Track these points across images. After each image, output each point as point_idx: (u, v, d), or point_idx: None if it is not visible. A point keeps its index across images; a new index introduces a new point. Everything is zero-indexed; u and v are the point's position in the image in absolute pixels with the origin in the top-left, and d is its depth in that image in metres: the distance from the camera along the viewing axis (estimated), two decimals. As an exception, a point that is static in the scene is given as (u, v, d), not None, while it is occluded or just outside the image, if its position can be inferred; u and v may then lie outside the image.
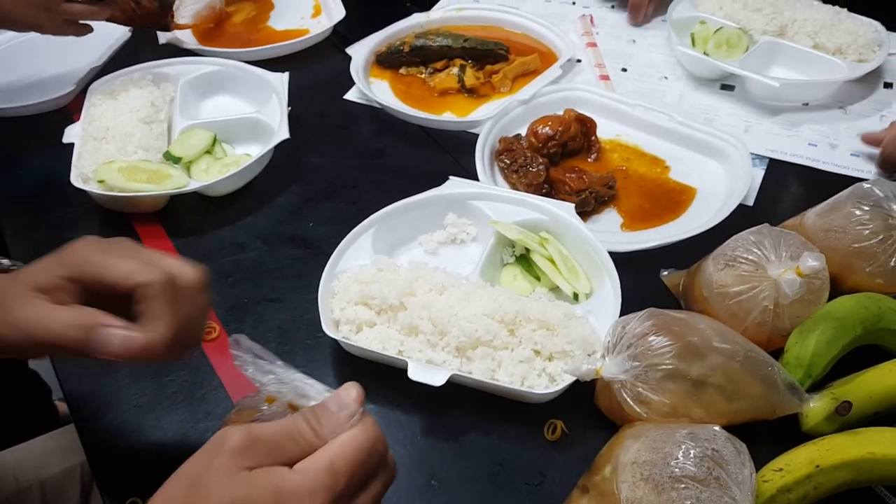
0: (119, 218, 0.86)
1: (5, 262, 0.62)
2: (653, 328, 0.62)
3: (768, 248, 0.66)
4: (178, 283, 0.50)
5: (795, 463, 0.57)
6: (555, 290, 0.75)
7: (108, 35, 1.10)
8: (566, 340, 0.66)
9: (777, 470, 0.57)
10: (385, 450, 0.43)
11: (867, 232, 0.69)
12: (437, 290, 0.70)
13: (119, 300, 0.49)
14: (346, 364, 0.70)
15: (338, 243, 0.75)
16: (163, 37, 1.06)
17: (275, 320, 0.75)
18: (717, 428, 0.56)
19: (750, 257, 0.67)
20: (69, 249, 0.50)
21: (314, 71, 1.07)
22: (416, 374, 0.64)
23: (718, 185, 0.88)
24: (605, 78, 1.04)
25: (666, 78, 1.05)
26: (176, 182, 0.84)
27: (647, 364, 0.60)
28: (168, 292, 0.49)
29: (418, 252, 0.81)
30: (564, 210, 0.78)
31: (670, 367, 0.60)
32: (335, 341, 0.69)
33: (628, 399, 0.61)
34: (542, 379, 0.65)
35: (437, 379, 0.64)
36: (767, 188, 0.88)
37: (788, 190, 0.89)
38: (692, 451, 0.53)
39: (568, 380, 0.64)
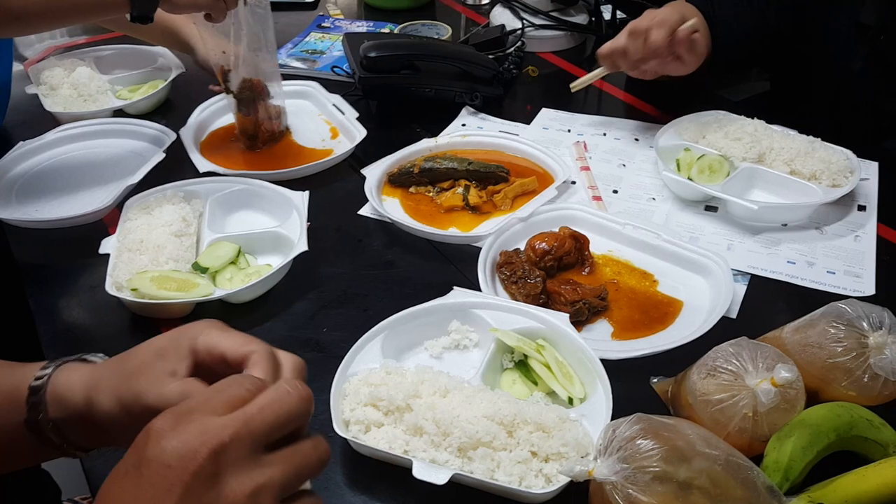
0: (148, 323, 0.92)
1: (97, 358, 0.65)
2: (641, 432, 0.67)
3: (746, 359, 0.72)
4: (281, 365, 0.52)
5: (775, 562, 0.61)
6: (551, 394, 0.80)
7: (143, 156, 1.20)
8: (561, 442, 0.71)
9: (758, 569, 0.60)
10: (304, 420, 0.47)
11: (841, 349, 0.75)
12: (441, 392, 0.76)
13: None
14: (355, 461, 0.75)
15: (349, 348, 0.81)
16: (202, 166, 1.15)
17: None
18: (700, 527, 0.59)
19: (729, 367, 0.72)
20: (190, 326, 0.53)
21: (332, 189, 1.15)
22: (420, 472, 0.69)
23: (703, 299, 0.94)
24: (598, 199, 1.13)
25: (654, 199, 1.14)
26: (202, 290, 0.91)
27: (635, 466, 0.65)
28: (272, 359, 0.51)
29: (424, 356, 0.86)
30: (560, 319, 0.85)
31: (658, 469, 0.64)
32: (345, 440, 0.73)
33: (619, 500, 0.65)
34: (539, 479, 0.70)
35: (439, 478, 0.68)
36: (749, 302, 0.94)
37: (768, 304, 0.95)
38: (676, 548, 0.57)
39: (563, 480, 0.68)
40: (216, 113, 1.32)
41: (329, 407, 0.75)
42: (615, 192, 1.15)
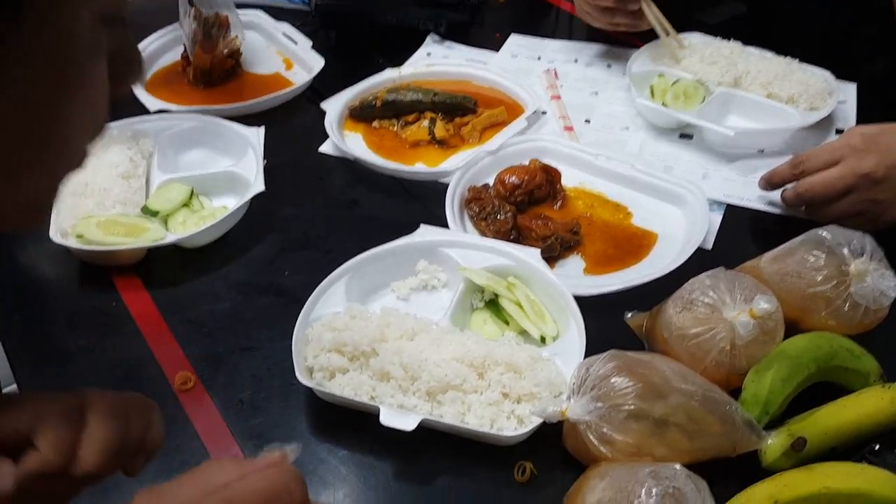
0: (98, 273, 0.87)
1: None
2: (615, 369, 0.64)
3: (723, 290, 0.69)
4: (86, 410, 0.44)
5: (754, 499, 0.59)
6: (523, 333, 0.78)
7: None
8: (533, 383, 0.68)
9: (737, 505, 0.59)
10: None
11: (821, 277, 0.72)
12: (408, 335, 0.72)
13: None
14: (320, 410, 0.72)
15: (312, 291, 0.77)
16: (152, 104, 1.08)
17: (249, 369, 0.77)
18: (677, 466, 0.58)
19: (706, 300, 0.70)
20: None
21: (289, 125, 1.10)
22: (387, 419, 0.66)
23: (678, 230, 0.91)
24: (570, 129, 1.08)
25: (627, 128, 1.09)
26: (153, 235, 0.86)
27: (610, 405, 0.63)
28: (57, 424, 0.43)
29: (391, 299, 0.83)
30: (531, 256, 0.81)
31: (633, 407, 0.62)
32: (309, 388, 0.70)
33: (593, 439, 0.63)
34: (511, 421, 0.67)
35: (408, 424, 0.65)
36: (725, 232, 0.92)
37: (745, 234, 0.93)
38: (654, 490, 0.55)
39: (535, 422, 0.65)
40: (160, 49, 1.24)
41: (291, 354, 0.71)
42: (587, 121, 1.11)
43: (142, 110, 1.07)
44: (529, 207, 0.94)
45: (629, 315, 0.81)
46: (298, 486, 0.44)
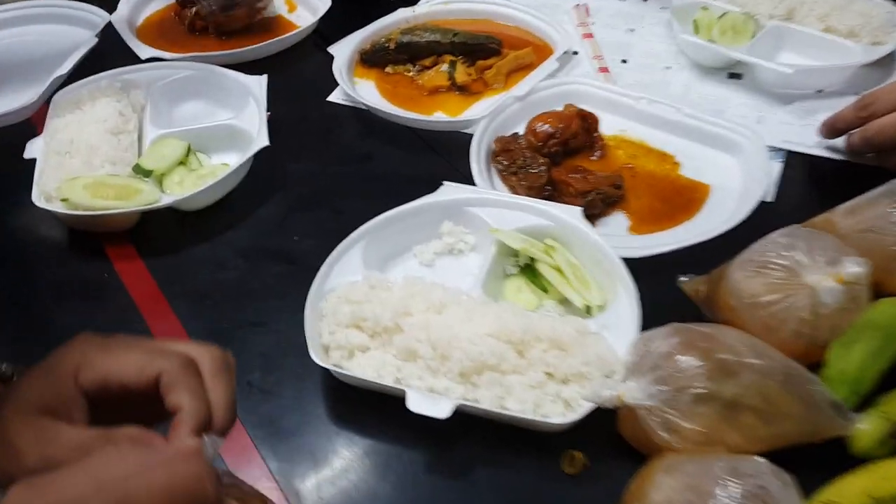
0: (86, 239, 0.79)
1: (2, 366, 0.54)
2: (679, 346, 0.56)
3: (802, 251, 0.60)
4: (199, 366, 0.41)
5: (848, 494, 0.51)
6: (564, 302, 0.69)
7: (74, 41, 1.03)
8: (582, 361, 0.59)
9: (828, 503, 0.51)
10: None
11: (909, 232, 0.63)
12: (435, 308, 0.64)
13: (147, 404, 0.41)
14: (339, 393, 0.64)
15: (325, 258, 0.69)
16: (143, 52, 0.99)
17: (259, 346, 0.69)
18: (760, 460, 0.49)
19: (782, 262, 0.60)
20: (64, 355, 0.41)
21: (294, 72, 1.01)
22: (416, 405, 0.58)
23: (733, 181, 0.81)
24: (605, 70, 0.98)
25: (669, 68, 0.99)
26: (147, 197, 0.78)
27: (675, 387, 0.54)
28: (190, 375, 0.40)
29: (413, 265, 0.74)
30: (571, 214, 0.72)
31: (702, 390, 0.54)
32: (325, 369, 0.62)
33: (656, 427, 0.55)
34: (556, 405, 0.59)
35: (440, 410, 0.57)
36: (786, 183, 0.82)
37: (808, 185, 0.83)
38: (736, 490, 0.47)
39: (587, 407, 0.57)
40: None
41: (303, 331, 0.62)
42: (624, 61, 1.00)
43: (132, 59, 0.98)
44: (565, 159, 0.85)
45: (683, 279, 0.71)
46: (211, 485, 0.36)
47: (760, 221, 0.70)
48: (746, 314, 0.61)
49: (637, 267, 0.68)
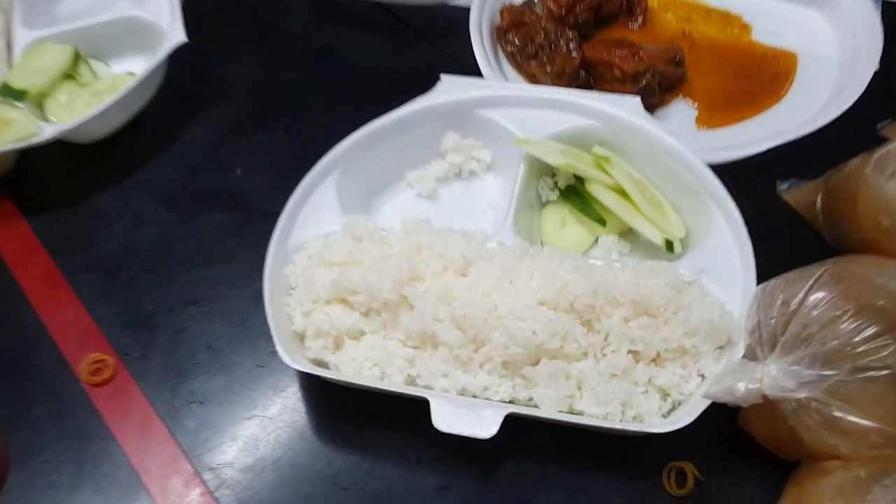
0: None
1: None
2: (843, 300, 0.37)
3: None
4: None
5: None
6: (629, 236, 0.50)
7: None
8: (683, 331, 0.41)
9: None
10: None
11: None
12: (455, 267, 0.44)
13: None
14: (328, 402, 0.46)
15: (284, 200, 0.51)
16: None
17: (202, 335, 0.52)
18: None
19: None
20: None
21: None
22: (445, 420, 0.39)
23: (826, 46, 0.65)
24: None
25: None
26: (21, 129, 0.61)
27: (848, 369, 0.36)
28: None
29: (409, 198, 0.56)
30: (626, 107, 0.52)
31: (887, 370, 0.35)
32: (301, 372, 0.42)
33: (816, 427, 0.37)
34: (651, 399, 0.40)
35: (483, 426, 0.39)
36: (892, 45, 0.62)
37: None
38: None
39: (701, 405, 0.38)
40: None
41: (263, 311, 0.44)
42: None
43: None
44: (596, 31, 0.66)
45: (783, 186, 0.55)
46: None
47: (875, 103, 0.54)
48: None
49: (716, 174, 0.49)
